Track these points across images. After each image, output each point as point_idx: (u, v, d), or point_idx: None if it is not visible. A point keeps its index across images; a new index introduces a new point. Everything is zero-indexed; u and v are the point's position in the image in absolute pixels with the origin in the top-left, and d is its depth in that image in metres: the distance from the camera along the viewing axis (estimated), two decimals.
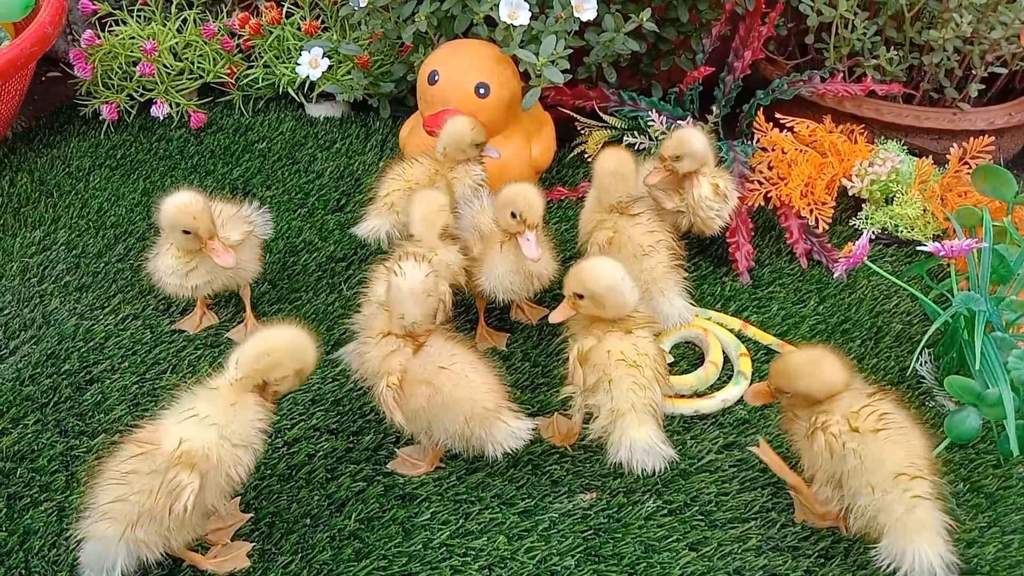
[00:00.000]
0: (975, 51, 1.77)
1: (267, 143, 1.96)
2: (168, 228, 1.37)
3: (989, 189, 1.54)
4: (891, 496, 1.07)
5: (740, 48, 1.83)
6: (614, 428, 1.20)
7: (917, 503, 1.07)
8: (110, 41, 2.01)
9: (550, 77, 1.62)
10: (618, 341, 1.22)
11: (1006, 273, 1.39)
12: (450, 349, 1.21)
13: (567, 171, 1.90)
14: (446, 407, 1.18)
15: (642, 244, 1.43)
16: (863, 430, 1.09)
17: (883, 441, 1.08)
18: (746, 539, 1.21)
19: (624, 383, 1.20)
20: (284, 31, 2.04)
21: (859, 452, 1.08)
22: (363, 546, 1.19)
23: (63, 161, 1.90)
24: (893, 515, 1.07)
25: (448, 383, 1.18)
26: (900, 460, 1.08)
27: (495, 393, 1.20)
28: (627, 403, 1.19)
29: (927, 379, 1.45)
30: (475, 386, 1.19)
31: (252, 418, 1.10)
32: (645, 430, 1.19)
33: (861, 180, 1.70)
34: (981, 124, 1.80)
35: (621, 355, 1.21)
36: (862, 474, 1.08)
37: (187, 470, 1.05)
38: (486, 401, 1.19)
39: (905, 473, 1.07)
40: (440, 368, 1.19)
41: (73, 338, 1.47)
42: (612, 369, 1.20)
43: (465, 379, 1.19)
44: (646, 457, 1.17)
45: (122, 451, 1.08)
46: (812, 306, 1.58)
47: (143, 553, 1.07)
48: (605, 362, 1.21)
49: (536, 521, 1.23)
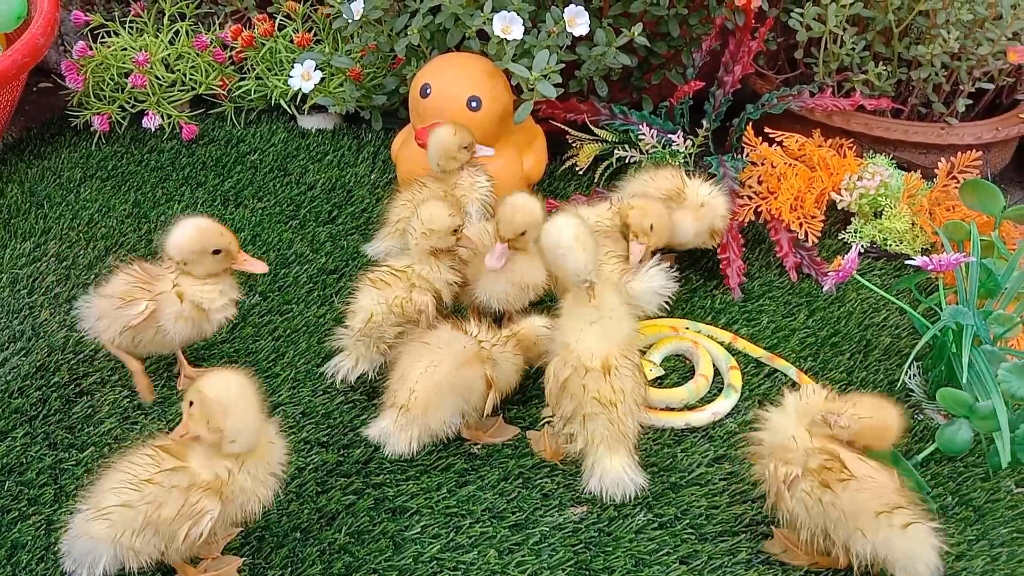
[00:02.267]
0: (963, 67, 1.79)
1: (259, 155, 1.96)
2: (195, 254, 1.30)
3: (977, 203, 1.55)
4: (882, 533, 1.10)
5: (730, 63, 1.85)
6: (587, 456, 1.23)
7: (910, 528, 1.10)
8: (102, 52, 2.01)
9: (542, 91, 1.62)
10: (596, 380, 1.21)
11: (994, 287, 1.40)
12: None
13: (558, 184, 1.90)
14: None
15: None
16: (831, 482, 1.11)
17: (853, 491, 1.10)
18: (736, 552, 1.22)
19: (598, 420, 1.21)
20: (277, 43, 2.04)
21: (834, 504, 1.10)
22: (353, 560, 1.19)
23: (54, 172, 1.90)
24: (895, 547, 1.10)
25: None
26: (873, 501, 1.10)
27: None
28: (600, 436, 1.22)
29: (916, 392, 1.45)
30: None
31: (277, 455, 1.10)
32: (617, 460, 1.22)
33: (850, 194, 1.72)
34: (969, 139, 1.81)
35: (597, 393, 1.21)
36: (845, 522, 1.10)
37: (212, 497, 1.05)
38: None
39: (883, 510, 1.10)
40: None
41: (63, 350, 1.47)
42: (587, 406, 1.21)
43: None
44: (615, 487, 1.22)
45: (142, 456, 1.07)
46: (802, 319, 1.58)
47: (130, 560, 1.06)
48: (581, 397, 1.22)
49: (527, 535, 1.23)
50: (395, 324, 1.35)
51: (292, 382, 1.44)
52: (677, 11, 1.84)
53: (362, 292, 1.38)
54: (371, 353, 1.37)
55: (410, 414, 1.25)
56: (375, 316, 1.35)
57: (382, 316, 1.35)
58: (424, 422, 1.25)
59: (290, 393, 1.42)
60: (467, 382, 1.27)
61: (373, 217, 1.79)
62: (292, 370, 1.46)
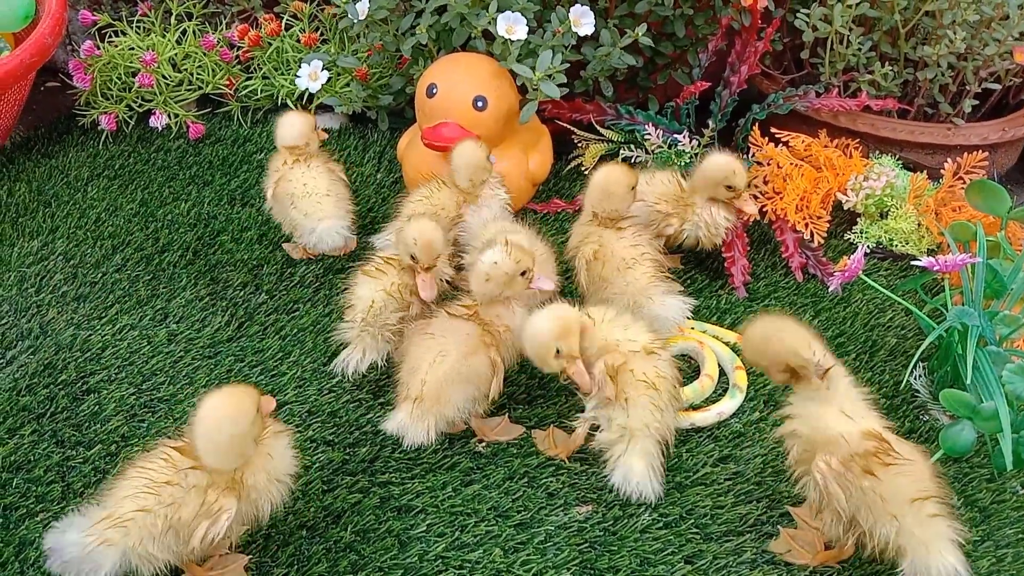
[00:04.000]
0: (969, 67, 1.79)
1: (265, 154, 1.96)
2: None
3: (983, 204, 1.55)
4: (909, 519, 1.08)
5: (736, 63, 1.85)
6: (619, 446, 1.24)
7: (933, 520, 1.09)
8: (109, 52, 2.01)
9: (547, 91, 1.63)
10: (641, 361, 1.23)
11: (999, 288, 1.40)
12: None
13: (564, 183, 1.90)
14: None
15: (625, 257, 1.44)
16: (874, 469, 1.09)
17: (893, 475, 1.08)
18: (741, 552, 1.22)
19: (641, 402, 1.22)
20: (283, 43, 2.05)
21: (875, 489, 1.08)
22: (359, 558, 1.19)
23: (61, 171, 1.91)
24: (913, 536, 1.08)
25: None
26: (912, 487, 1.09)
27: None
28: (640, 423, 1.22)
29: (921, 393, 1.45)
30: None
31: (291, 455, 1.11)
32: (646, 462, 1.22)
33: (856, 194, 1.72)
34: (975, 139, 1.81)
35: (644, 376, 1.22)
36: (881, 506, 1.09)
37: (230, 495, 1.05)
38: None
39: (918, 498, 1.08)
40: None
41: (70, 348, 1.48)
42: (631, 388, 1.22)
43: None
44: (637, 488, 1.22)
45: (156, 459, 1.07)
46: (807, 319, 1.58)
47: (143, 566, 1.06)
48: (626, 380, 1.23)
49: (532, 534, 1.23)
50: (396, 310, 1.37)
51: (298, 381, 1.44)
52: (683, 11, 1.84)
53: (359, 284, 1.40)
54: (377, 342, 1.37)
55: (424, 404, 1.26)
56: (375, 303, 1.36)
57: (383, 302, 1.36)
58: (439, 411, 1.26)
59: (296, 392, 1.42)
60: (475, 367, 1.28)
61: (379, 216, 1.79)
62: (298, 369, 1.46)
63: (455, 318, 1.30)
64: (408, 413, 1.26)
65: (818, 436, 1.11)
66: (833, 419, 1.11)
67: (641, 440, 1.23)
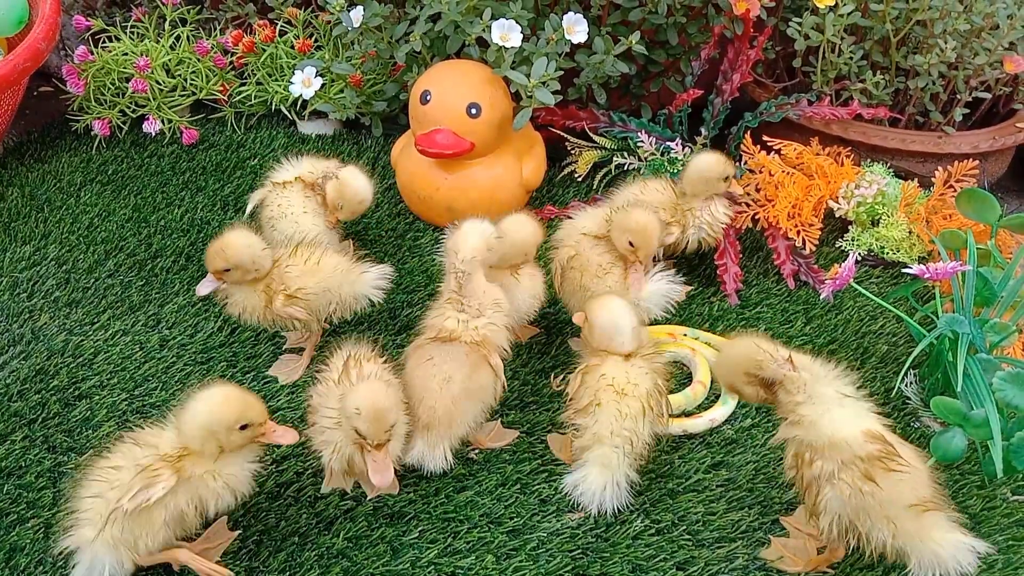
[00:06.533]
0: (959, 76, 1.80)
1: (259, 160, 1.96)
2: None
3: (973, 212, 1.56)
4: (907, 523, 1.09)
5: (729, 71, 1.86)
6: (584, 457, 1.25)
7: (926, 514, 1.09)
8: (103, 57, 2.01)
9: (541, 98, 1.63)
10: (614, 367, 1.24)
11: (990, 296, 1.41)
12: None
13: (557, 190, 1.91)
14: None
15: (601, 263, 1.45)
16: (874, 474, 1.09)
17: (894, 480, 1.09)
18: (733, 559, 1.22)
19: (609, 409, 1.22)
20: (277, 49, 2.05)
21: (876, 494, 1.08)
22: (351, 565, 1.19)
23: (54, 176, 1.91)
24: (912, 537, 1.09)
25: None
26: (911, 494, 1.09)
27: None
28: (607, 430, 1.22)
29: (912, 400, 1.46)
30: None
31: (247, 464, 1.13)
32: (606, 474, 1.23)
33: (847, 202, 1.72)
34: (966, 148, 1.82)
35: (612, 381, 1.23)
36: (879, 511, 1.09)
37: (173, 472, 1.08)
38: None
39: (917, 504, 1.09)
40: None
41: (62, 354, 1.47)
42: (601, 393, 1.23)
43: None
44: (593, 499, 1.24)
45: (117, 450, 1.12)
46: (799, 327, 1.59)
47: (123, 557, 1.08)
48: (595, 385, 1.23)
49: (524, 540, 1.23)
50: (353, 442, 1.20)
51: (291, 387, 1.44)
52: (676, 20, 1.85)
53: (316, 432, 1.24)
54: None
55: (438, 431, 1.27)
56: (340, 449, 1.21)
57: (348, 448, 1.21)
58: (451, 434, 1.28)
59: (288, 398, 1.42)
60: (481, 382, 1.28)
61: (372, 223, 1.79)
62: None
63: (448, 342, 1.29)
64: (424, 442, 1.27)
65: (820, 440, 1.11)
66: (829, 421, 1.11)
67: (603, 449, 1.23)
